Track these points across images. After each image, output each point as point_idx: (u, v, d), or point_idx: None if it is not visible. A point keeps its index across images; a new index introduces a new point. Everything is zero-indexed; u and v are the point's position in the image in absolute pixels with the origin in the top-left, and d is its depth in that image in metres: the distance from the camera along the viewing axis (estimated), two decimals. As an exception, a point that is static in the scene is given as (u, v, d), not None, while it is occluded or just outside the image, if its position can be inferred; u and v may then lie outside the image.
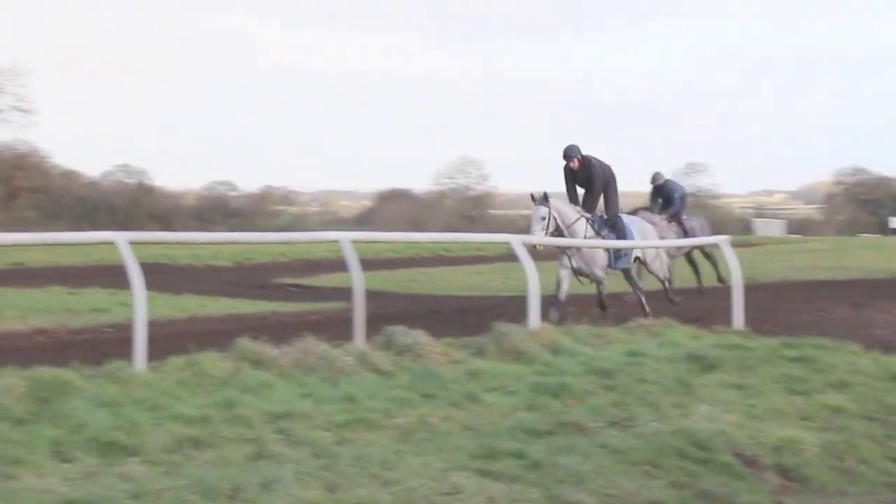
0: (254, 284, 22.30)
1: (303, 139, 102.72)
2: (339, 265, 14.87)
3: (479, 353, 10.99)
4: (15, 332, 13.40)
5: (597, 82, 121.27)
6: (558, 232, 14.75)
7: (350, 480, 6.33)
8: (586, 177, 15.32)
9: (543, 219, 14.64)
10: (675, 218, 18.86)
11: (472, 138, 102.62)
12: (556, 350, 11.29)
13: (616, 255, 15.16)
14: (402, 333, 10.82)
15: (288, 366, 9.60)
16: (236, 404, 8.12)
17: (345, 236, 11.85)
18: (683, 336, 12.43)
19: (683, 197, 19.38)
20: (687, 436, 7.63)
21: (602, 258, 15.00)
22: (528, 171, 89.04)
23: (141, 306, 9.59)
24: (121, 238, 9.99)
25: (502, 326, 11.52)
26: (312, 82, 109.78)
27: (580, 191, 15.46)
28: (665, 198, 19.05)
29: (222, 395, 8.39)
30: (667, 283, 16.26)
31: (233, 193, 67.89)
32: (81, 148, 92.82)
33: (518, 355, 10.94)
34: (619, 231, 15.27)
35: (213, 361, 9.30)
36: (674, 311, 15.13)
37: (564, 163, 15.29)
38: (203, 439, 7.22)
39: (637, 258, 15.74)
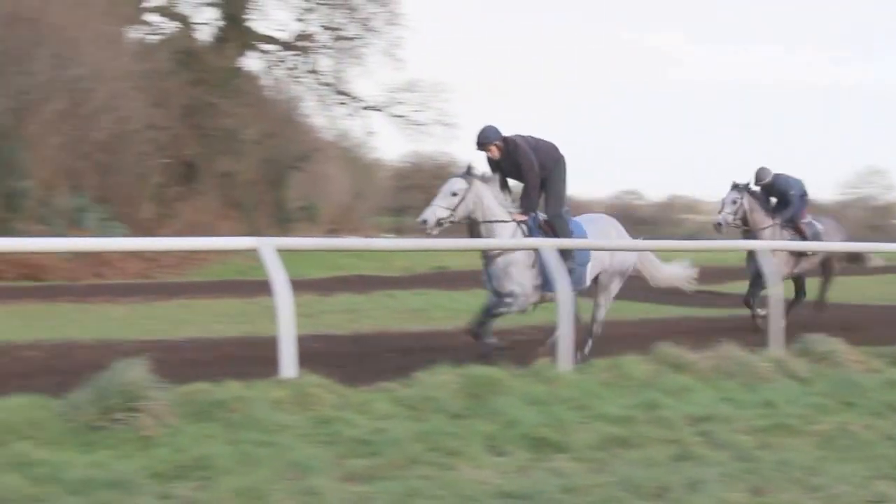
0: (663, 290, 22.36)
1: (706, 149, 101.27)
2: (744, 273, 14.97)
3: (897, 362, 10.82)
4: (443, 331, 14.17)
5: None
6: (470, 223, 10.96)
7: (774, 484, 6.39)
8: (513, 165, 11.17)
9: (455, 195, 10.77)
10: (792, 222, 15.80)
11: (879, 148, 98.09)
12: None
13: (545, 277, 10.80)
14: (820, 341, 10.80)
15: (707, 370, 9.77)
16: (658, 406, 8.36)
17: (763, 245, 11.92)
18: None
19: (803, 196, 15.95)
20: None
21: (525, 275, 10.95)
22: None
23: (566, 311, 10.05)
24: (548, 245, 10.46)
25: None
26: (717, 94, 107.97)
27: (517, 187, 11.50)
28: (779, 197, 15.86)
29: (644, 396, 8.64)
30: (595, 327, 11.90)
31: (639, 202, 68.36)
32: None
33: (937, 366, 10.68)
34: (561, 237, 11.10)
35: (634, 364, 9.59)
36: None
37: (483, 154, 11.24)
38: (628, 439, 7.43)
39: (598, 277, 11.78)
